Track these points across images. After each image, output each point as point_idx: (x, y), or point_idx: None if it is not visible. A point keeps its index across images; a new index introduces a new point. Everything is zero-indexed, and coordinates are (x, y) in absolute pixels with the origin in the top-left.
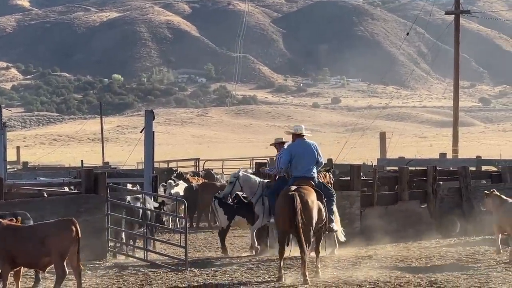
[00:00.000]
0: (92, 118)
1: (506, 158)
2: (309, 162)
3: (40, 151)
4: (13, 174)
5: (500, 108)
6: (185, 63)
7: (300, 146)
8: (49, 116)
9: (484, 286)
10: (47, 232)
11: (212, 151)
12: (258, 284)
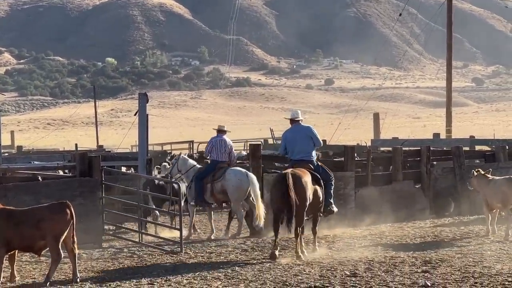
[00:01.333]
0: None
1: (499, 138)
2: (304, 146)
3: (35, 135)
4: (7, 158)
5: (493, 88)
6: (178, 46)
7: (292, 131)
8: (43, 100)
9: (479, 265)
10: (42, 216)
11: (206, 133)
12: (253, 265)
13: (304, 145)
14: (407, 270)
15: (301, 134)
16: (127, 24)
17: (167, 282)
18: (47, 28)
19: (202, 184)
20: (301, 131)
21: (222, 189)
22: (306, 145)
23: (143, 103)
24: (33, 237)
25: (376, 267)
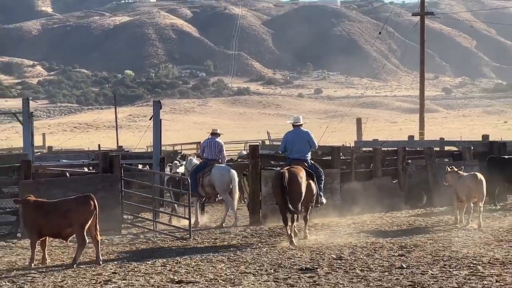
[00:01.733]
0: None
1: (465, 140)
2: (301, 147)
3: (63, 137)
4: (39, 157)
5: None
6: (187, 60)
7: (293, 134)
8: (70, 107)
9: (447, 249)
10: (69, 207)
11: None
12: (252, 249)
13: (302, 146)
14: (385, 254)
15: (300, 137)
16: (143, 41)
17: (177, 264)
18: (74, 44)
19: (196, 178)
20: (300, 134)
21: (209, 183)
22: (303, 147)
23: (157, 109)
24: (62, 225)
25: (358, 251)
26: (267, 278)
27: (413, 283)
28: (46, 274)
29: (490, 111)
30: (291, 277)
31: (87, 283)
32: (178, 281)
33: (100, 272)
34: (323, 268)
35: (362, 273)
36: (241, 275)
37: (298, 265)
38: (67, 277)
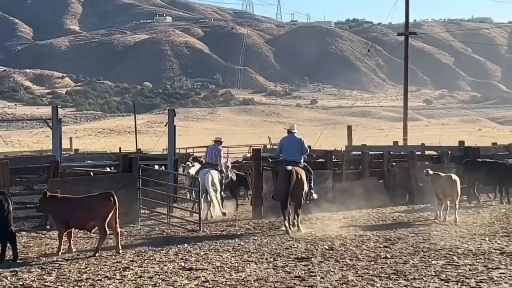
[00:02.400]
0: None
1: (443, 145)
2: (295, 151)
3: (88, 140)
4: (67, 158)
5: (440, 107)
6: (199, 73)
7: (288, 139)
8: (95, 114)
9: (427, 241)
10: (92, 202)
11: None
12: (254, 240)
13: (295, 151)
14: (372, 245)
15: (294, 143)
16: (160, 57)
17: (188, 253)
18: (98, 58)
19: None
20: (294, 140)
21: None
22: (297, 151)
23: (172, 116)
24: (86, 218)
25: (348, 243)
26: (267, 266)
27: (396, 271)
28: (72, 261)
29: (466, 120)
30: (288, 265)
31: (108, 270)
32: (189, 268)
33: (119, 260)
34: (317, 257)
35: (351, 262)
36: (244, 263)
37: (294, 255)
38: (90, 264)
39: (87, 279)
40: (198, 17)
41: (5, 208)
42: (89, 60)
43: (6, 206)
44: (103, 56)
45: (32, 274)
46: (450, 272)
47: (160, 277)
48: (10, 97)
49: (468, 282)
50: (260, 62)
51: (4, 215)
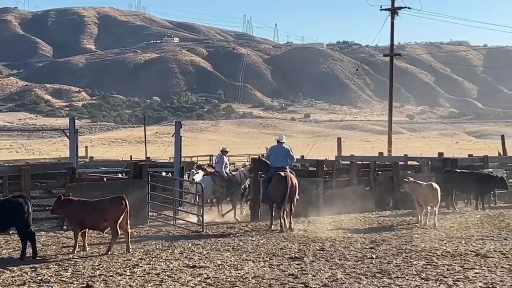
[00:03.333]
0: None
1: (424, 156)
2: (283, 158)
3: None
4: (82, 165)
5: (421, 122)
6: (203, 89)
7: (277, 148)
8: (108, 125)
9: (409, 244)
10: (105, 205)
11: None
12: (252, 241)
13: (283, 158)
14: (359, 246)
15: (282, 152)
16: (168, 74)
17: (192, 252)
18: (112, 75)
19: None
20: (283, 149)
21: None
22: (284, 159)
23: (178, 128)
24: (99, 220)
25: (337, 244)
26: (264, 265)
27: (381, 270)
28: (86, 259)
29: (445, 134)
30: (283, 264)
31: (119, 267)
32: (192, 266)
33: (129, 258)
34: (309, 257)
35: (340, 262)
36: (243, 261)
37: (288, 254)
38: (103, 262)
39: (100, 275)
40: (202, 38)
41: (25, 210)
42: (103, 76)
43: (26, 208)
44: (116, 73)
45: (50, 270)
46: (430, 271)
47: (166, 274)
48: (32, 109)
49: (446, 281)
50: (259, 80)
51: (25, 217)
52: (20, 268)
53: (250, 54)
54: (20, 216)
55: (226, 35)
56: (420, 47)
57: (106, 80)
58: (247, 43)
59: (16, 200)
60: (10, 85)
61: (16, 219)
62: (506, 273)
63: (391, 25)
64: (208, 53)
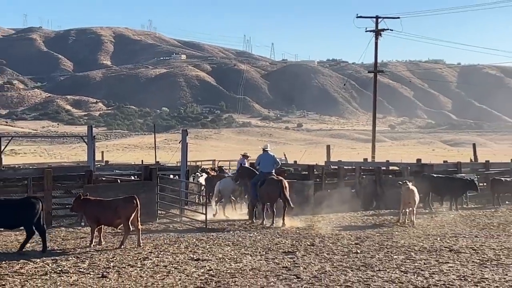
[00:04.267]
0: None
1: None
2: (270, 164)
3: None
4: (99, 168)
5: (401, 131)
6: (207, 101)
7: (264, 156)
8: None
9: (390, 240)
10: (118, 204)
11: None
12: (250, 237)
13: (269, 164)
14: (345, 242)
15: (268, 159)
16: (176, 87)
17: (196, 247)
18: (126, 87)
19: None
20: (269, 156)
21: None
22: (271, 165)
23: (184, 135)
24: (113, 217)
25: (326, 240)
26: (260, 258)
27: (365, 264)
28: (101, 252)
29: (423, 142)
30: (277, 258)
31: (131, 259)
32: (196, 259)
33: (140, 252)
34: (300, 251)
35: (328, 256)
36: (241, 255)
37: (282, 249)
38: (116, 255)
39: (113, 267)
40: (207, 55)
41: (38, 209)
42: (118, 89)
43: (38, 207)
44: (129, 86)
45: (69, 261)
46: (409, 265)
47: (173, 266)
48: (54, 118)
49: (423, 273)
50: (257, 93)
51: (39, 215)
52: (42, 260)
53: (249, 70)
54: (28, 215)
55: (227, 52)
56: (400, 65)
57: (121, 92)
58: (246, 60)
59: (25, 200)
60: (35, 96)
61: (23, 219)
62: (476, 266)
63: (375, 45)
64: (211, 69)
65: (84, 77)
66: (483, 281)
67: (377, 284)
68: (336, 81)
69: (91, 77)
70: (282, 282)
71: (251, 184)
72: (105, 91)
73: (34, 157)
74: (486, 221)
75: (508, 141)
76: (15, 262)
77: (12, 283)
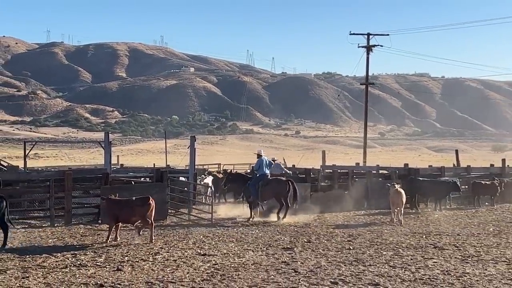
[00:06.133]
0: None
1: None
2: (265, 168)
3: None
4: (114, 171)
5: (390, 138)
6: (213, 110)
7: (261, 160)
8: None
9: (380, 237)
10: (135, 203)
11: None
12: (252, 234)
13: (266, 168)
14: (339, 239)
15: (265, 163)
16: (185, 97)
17: (203, 243)
18: (139, 98)
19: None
20: (264, 161)
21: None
22: (266, 168)
23: (193, 141)
24: (129, 215)
25: (321, 237)
26: (261, 253)
27: (357, 259)
28: (117, 247)
29: (410, 148)
30: (277, 253)
31: (144, 254)
32: (203, 254)
33: (152, 247)
34: (298, 248)
35: (323, 252)
36: (244, 251)
37: (281, 245)
38: (130, 250)
39: (127, 261)
40: (213, 68)
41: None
42: (132, 98)
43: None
44: (142, 96)
45: (87, 256)
46: (397, 260)
47: (182, 260)
48: (74, 125)
49: (410, 268)
50: (258, 103)
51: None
52: (63, 254)
53: (252, 81)
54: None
55: (232, 66)
56: (389, 78)
57: (135, 102)
58: (249, 73)
59: None
60: (56, 105)
61: None
62: (459, 262)
63: (367, 60)
64: (217, 81)
65: (102, 87)
66: (464, 276)
67: (368, 277)
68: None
69: (108, 87)
70: (281, 276)
71: (250, 185)
72: (120, 100)
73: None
74: (468, 221)
75: (487, 147)
76: (38, 256)
77: (35, 275)
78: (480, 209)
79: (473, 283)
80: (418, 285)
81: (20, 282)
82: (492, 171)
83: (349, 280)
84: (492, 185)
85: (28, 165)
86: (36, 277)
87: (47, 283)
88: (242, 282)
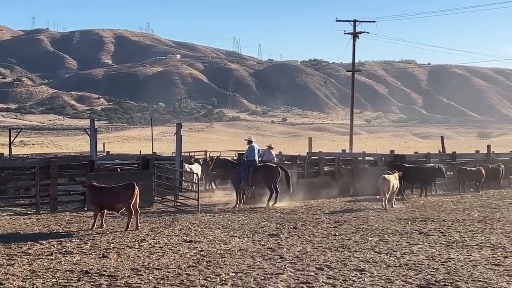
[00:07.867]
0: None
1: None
2: (255, 154)
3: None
4: (100, 158)
5: (377, 125)
6: (200, 97)
7: (251, 147)
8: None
9: (365, 224)
10: (119, 190)
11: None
12: (238, 221)
13: (255, 154)
14: (325, 226)
15: (255, 149)
16: (171, 84)
17: (189, 230)
18: (125, 85)
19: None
20: (255, 148)
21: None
22: (255, 154)
23: (179, 128)
24: (114, 202)
25: (308, 223)
26: (247, 240)
27: (343, 245)
28: (102, 234)
29: (396, 135)
30: (263, 240)
31: (129, 241)
32: (189, 240)
33: (138, 234)
34: (284, 234)
35: (309, 238)
36: (230, 237)
37: (268, 232)
38: (116, 237)
39: (113, 248)
40: (200, 55)
41: None
42: (118, 85)
43: None
44: (128, 83)
45: (73, 243)
46: (382, 246)
47: (168, 247)
48: (60, 112)
49: (395, 254)
50: (245, 90)
51: None
52: (48, 241)
53: (238, 69)
54: None
55: (219, 53)
56: (376, 64)
57: (121, 89)
58: (236, 60)
59: None
60: (42, 92)
61: None
62: (443, 248)
63: (353, 46)
64: (204, 68)
65: (87, 74)
66: (449, 261)
67: (354, 263)
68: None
69: (93, 74)
70: (267, 262)
71: (241, 170)
72: (106, 87)
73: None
74: (453, 207)
75: (473, 134)
76: (23, 243)
77: (20, 263)
78: (465, 195)
79: (457, 268)
80: (403, 271)
81: (5, 269)
82: (477, 158)
83: (334, 266)
84: (478, 171)
85: (14, 153)
86: (21, 264)
87: (32, 270)
88: (228, 268)
